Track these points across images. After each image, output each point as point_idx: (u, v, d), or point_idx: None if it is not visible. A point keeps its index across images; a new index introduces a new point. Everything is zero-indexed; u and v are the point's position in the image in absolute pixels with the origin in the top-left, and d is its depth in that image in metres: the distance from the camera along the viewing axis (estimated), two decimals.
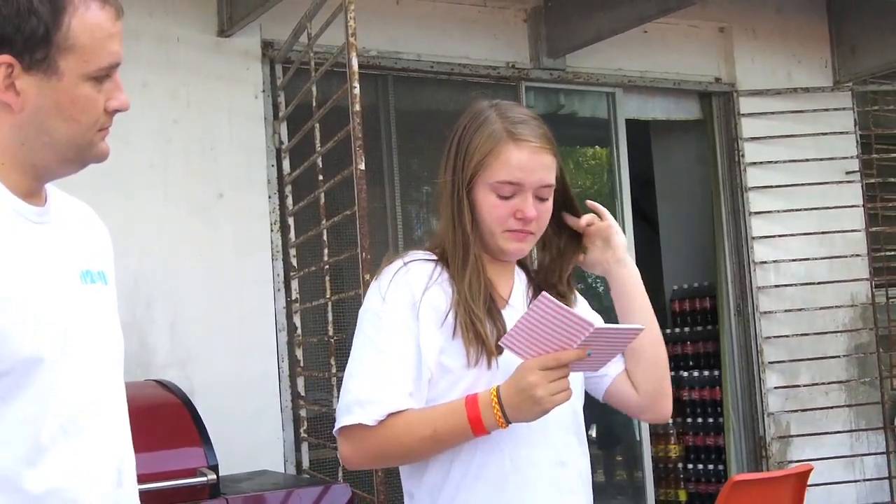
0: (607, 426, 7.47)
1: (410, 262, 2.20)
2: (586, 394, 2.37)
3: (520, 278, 2.31)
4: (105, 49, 1.68)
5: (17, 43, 1.62)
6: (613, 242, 2.34)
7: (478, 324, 2.12)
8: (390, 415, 2.09)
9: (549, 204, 2.22)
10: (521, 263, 2.33)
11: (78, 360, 1.69)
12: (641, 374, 2.31)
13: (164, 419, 4.11)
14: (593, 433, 7.53)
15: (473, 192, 2.19)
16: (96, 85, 1.69)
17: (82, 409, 1.69)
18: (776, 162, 7.03)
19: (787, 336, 6.98)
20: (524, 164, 2.16)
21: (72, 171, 1.76)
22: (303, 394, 5.41)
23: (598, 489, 2.32)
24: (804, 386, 7.02)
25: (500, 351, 2.12)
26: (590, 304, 2.44)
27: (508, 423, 2.04)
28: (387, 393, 2.09)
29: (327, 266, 5.02)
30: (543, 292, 2.00)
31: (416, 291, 2.14)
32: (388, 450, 2.13)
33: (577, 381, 2.23)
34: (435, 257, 2.22)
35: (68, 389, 1.67)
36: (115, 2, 1.71)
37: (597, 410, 7.67)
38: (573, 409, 2.23)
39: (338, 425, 2.14)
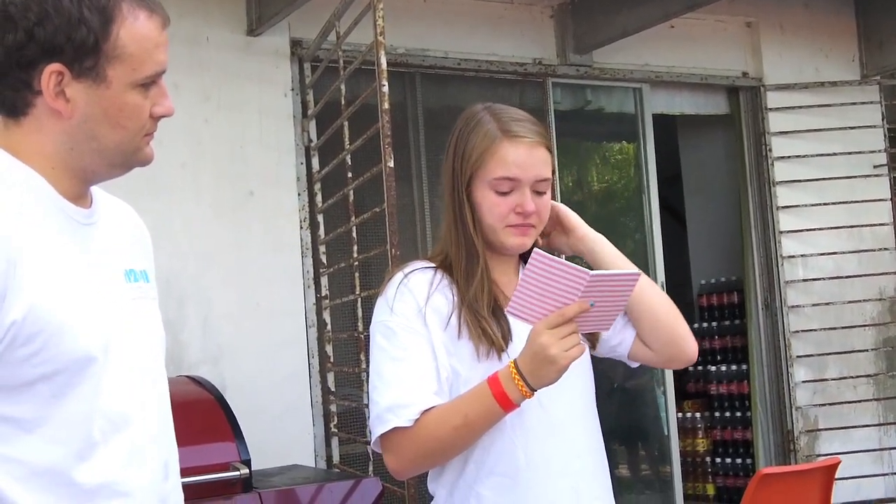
0: (635, 420, 7.49)
1: (410, 272, 2.25)
2: (620, 389, 2.40)
3: None
4: (152, 58, 1.72)
5: (67, 52, 1.66)
6: (568, 224, 2.37)
7: (483, 322, 2.17)
8: (422, 413, 2.13)
9: (548, 197, 2.27)
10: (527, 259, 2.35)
11: (126, 357, 1.74)
12: (648, 335, 2.33)
13: (197, 415, 4.15)
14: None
15: (473, 192, 2.25)
16: (143, 92, 1.73)
17: (130, 404, 1.74)
18: (804, 156, 7.02)
19: (814, 330, 6.97)
20: (520, 160, 2.21)
21: (117, 174, 1.81)
22: (333, 389, 5.46)
23: (625, 483, 2.35)
24: (832, 380, 7.01)
25: (507, 345, 2.17)
26: None
27: (533, 390, 2.06)
28: (414, 394, 2.13)
29: (356, 263, 5.06)
30: (535, 248, 2.05)
31: (420, 298, 2.20)
32: (427, 447, 2.15)
33: (585, 372, 2.28)
34: (434, 265, 2.27)
35: (117, 386, 1.71)
36: (162, 12, 1.75)
37: (625, 404, 7.63)
38: (584, 402, 2.27)
39: (374, 437, 2.19)
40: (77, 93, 1.69)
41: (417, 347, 2.17)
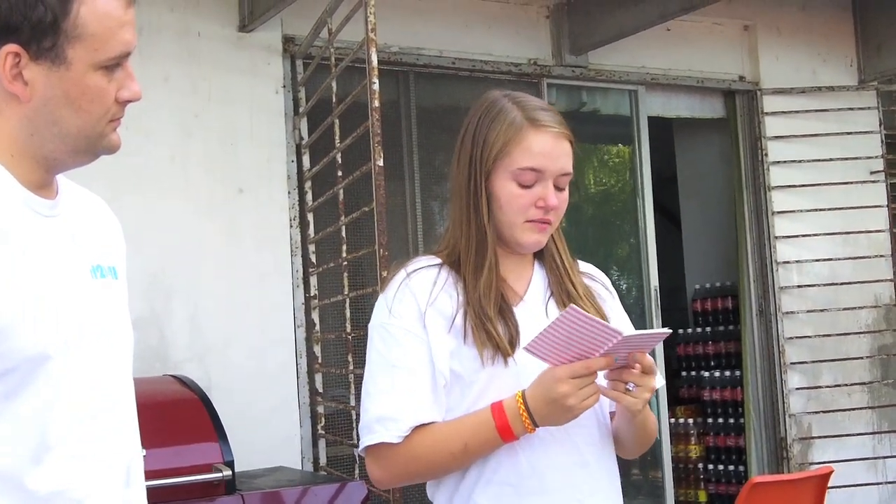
0: None
1: (413, 271, 2.16)
2: None
3: (539, 272, 2.25)
4: (115, 38, 1.63)
5: (24, 31, 1.57)
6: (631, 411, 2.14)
7: (488, 324, 2.08)
8: (415, 430, 2.06)
9: (567, 194, 2.19)
10: (542, 257, 2.26)
11: (87, 356, 1.65)
12: (617, 443, 2.27)
13: (180, 415, 4.10)
14: None
15: (492, 183, 2.15)
16: (107, 74, 1.64)
17: (90, 406, 1.65)
18: (800, 161, 6.97)
19: (809, 337, 6.93)
20: (547, 150, 2.12)
21: (83, 162, 1.71)
22: (320, 390, 5.40)
23: None
24: (826, 387, 6.96)
25: (514, 350, 2.08)
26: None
27: (536, 426, 2.02)
28: (406, 407, 2.06)
29: (345, 262, 5.00)
30: (571, 305, 1.95)
31: (421, 300, 2.11)
32: (419, 467, 2.10)
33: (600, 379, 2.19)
34: (439, 261, 2.19)
35: (76, 387, 1.62)
36: None
37: None
38: (593, 410, 2.15)
39: (362, 445, 2.12)
40: (36, 75, 1.60)
41: (415, 354, 2.09)
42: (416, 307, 2.11)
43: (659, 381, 2.21)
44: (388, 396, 2.08)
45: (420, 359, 2.09)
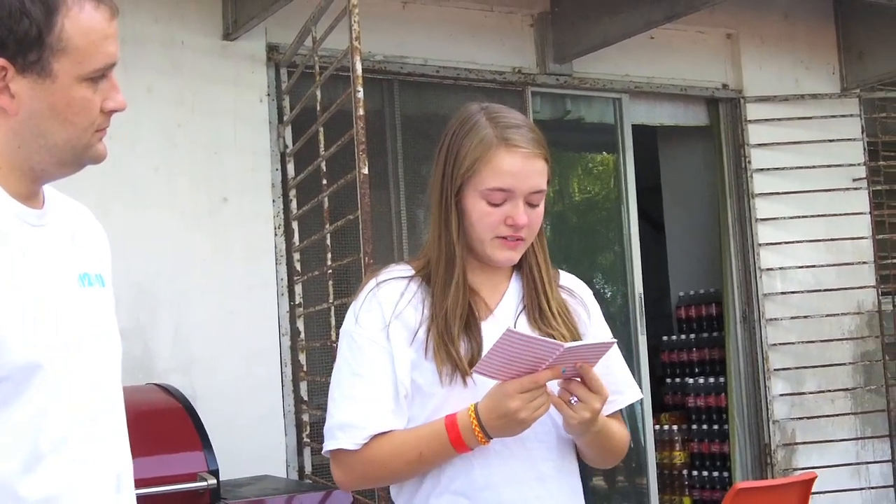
0: None
1: (383, 280, 2.18)
2: None
3: (516, 285, 2.25)
4: (100, 50, 1.66)
5: (9, 45, 1.60)
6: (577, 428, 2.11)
7: (449, 345, 2.10)
8: (374, 437, 2.09)
9: (541, 209, 2.18)
10: (520, 269, 2.26)
11: (78, 365, 1.67)
12: (586, 459, 2.29)
13: (164, 424, 4.10)
14: None
15: (463, 199, 2.15)
16: (92, 86, 1.66)
17: (82, 414, 1.67)
18: (783, 168, 7.01)
19: (792, 343, 6.95)
20: (516, 170, 2.11)
21: (69, 172, 1.74)
22: (306, 398, 5.40)
23: (601, 495, 2.30)
24: (810, 393, 6.99)
25: (472, 369, 2.09)
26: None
27: (490, 438, 2.04)
28: (367, 416, 2.09)
29: (330, 270, 5.01)
30: (508, 328, 1.96)
31: (387, 311, 2.13)
32: (377, 473, 2.15)
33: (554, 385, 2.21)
34: (412, 272, 2.20)
35: (68, 395, 1.64)
36: (109, 2, 1.69)
37: None
38: (554, 423, 2.16)
39: (324, 450, 2.16)
40: (22, 88, 1.63)
41: (378, 364, 2.11)
42: (382, 318, 2.14)
43: (632, 395, 2.27)
44: (351, 404, 2.11)
45: (383, 368, 2.11)
